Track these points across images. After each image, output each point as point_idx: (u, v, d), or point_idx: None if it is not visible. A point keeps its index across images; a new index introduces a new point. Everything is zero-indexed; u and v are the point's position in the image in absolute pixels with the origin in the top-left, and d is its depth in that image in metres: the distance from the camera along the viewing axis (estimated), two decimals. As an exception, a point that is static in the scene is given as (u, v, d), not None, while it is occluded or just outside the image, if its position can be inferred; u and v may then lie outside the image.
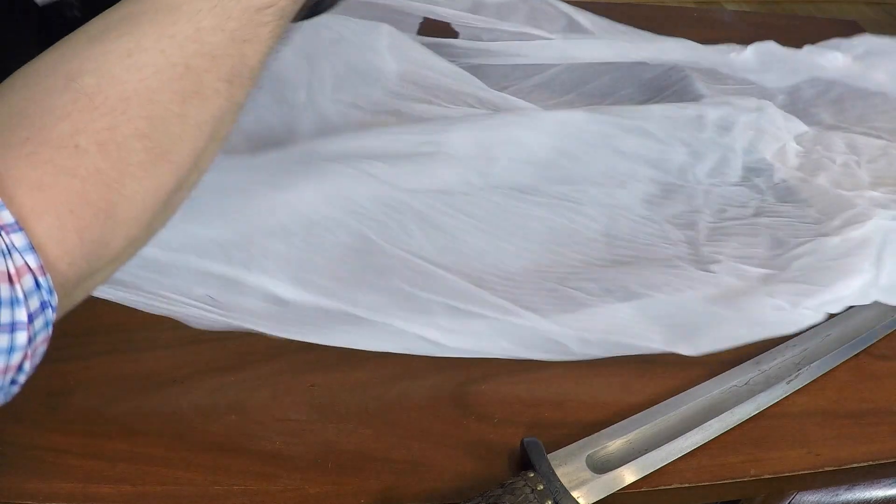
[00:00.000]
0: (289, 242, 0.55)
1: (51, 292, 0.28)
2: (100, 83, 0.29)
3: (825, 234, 0.63)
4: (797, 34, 0.99)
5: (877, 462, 0.51)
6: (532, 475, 0.45)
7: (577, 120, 0.68)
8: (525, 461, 0.47)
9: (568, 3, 1.04)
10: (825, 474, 0.50)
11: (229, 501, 0.46)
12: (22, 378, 0.30)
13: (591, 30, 0.76)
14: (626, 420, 0.50)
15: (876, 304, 0.60)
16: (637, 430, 0.50)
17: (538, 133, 0.67)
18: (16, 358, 0.28)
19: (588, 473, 0.47)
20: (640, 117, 0.71)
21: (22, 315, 0.27)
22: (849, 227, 0.63)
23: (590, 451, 0.48)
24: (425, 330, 0.52)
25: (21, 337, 0.28)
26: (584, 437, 0.49)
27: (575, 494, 0.45)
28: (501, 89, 0.79)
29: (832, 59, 0.78)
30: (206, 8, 0.31)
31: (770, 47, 0.78)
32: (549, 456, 0.47)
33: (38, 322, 0.28)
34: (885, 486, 0.62)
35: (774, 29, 1.00)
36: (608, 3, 1.06)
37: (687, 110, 0.74)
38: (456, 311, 0.54)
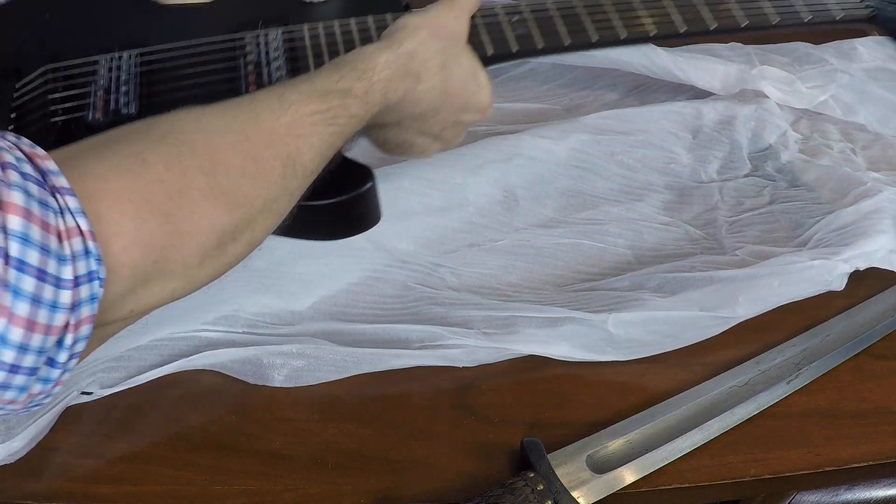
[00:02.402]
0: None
1: (99, 262, 0.29)
2: (172, 128, 0.34)
3: (840, 209, 0.65)
4: (797, 34, 0.99)
5: (877, 462, 0.51)
6: (532, 475, 0.45)
7: (584, 143, 0.69)
8: (525, 461, 0.47)
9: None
10: (825, 474, 0.50)
11: (229, 501, 0.46)
12: (63, 357, 0.30)
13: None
14: (626, 420, 0.50)
15: (876, 303, 0.60)
16: (637, 430, 0.50)
17: (553, 164, 0.68)
18: (59, 318, 0.28)
19: (588, 473, 0.47)
20: (640, 126, 0.71)
21: (68, 273, 0.28)
22: (861, 200, 0.65)
23: (590, 451, 0.48)
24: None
25: (65, 296, 0.28)
26: (584, 437, 0.49)
27: (575, 494, 0.45)
28: (493, 78, 0.81)
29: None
30: (264, 100, 0.38)
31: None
32: (549, 456, 0.47)
33: (84, 291, 0.29)
34: (885, 486, 0.62)
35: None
36: (608, 4, 1.06)
37: (686, 110, 0.74)
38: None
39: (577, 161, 0.69)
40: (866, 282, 0.62)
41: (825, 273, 0.59)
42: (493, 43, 0.52)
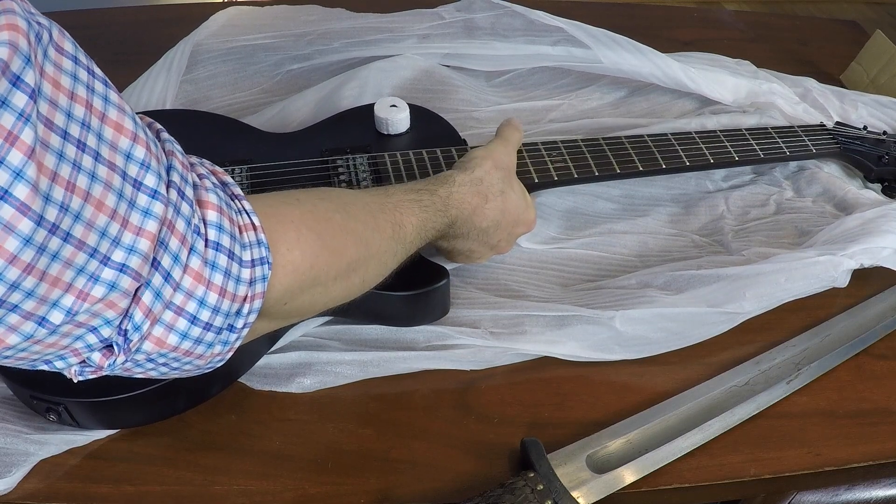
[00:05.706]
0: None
1: (268, 250, 0.37)
2: (313, 188, 0.46)
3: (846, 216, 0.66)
4: (797, 34, 0.99)
5: (877, 462, 0.51)
6: (532, 475, 0.45)
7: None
8: (525, 461, 0.47)
9: (571, 1, 1.04)
10: (825, 474, 0.50)
11: (229, 501, 0.46)
12: (239, 324, 0.37)
13: (586, 42, 0.77)
14: (626, 420, 0.51)
15: (876, 303, 0.60)
16: (637, 430, 0.50)
17: (555, 188, 0.68)
18: (241, 290, 0.36)
19: (588, 473, 0.47)
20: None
21: (247, 256, 0.36)
22: (868, 209, 0.65)
23: (590, 451, 0.48)
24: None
25: (245, 273, 0.36)
26: (584, 437, 0.49)
27: (575, 494, 0.45)
28: (495, 78, 0.83)
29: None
30: (374, 189, 0.50)
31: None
32: (549, 456, 0.47)
33: (258, 271, 0.37)
34: (885, 486, 0.62)
35: (774, 29, 1.00)
36: (609, 4, 1.06)
37: (690, 125, 0.75)
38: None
39: (579, 185, 0.69)
40: (869, 281, 0.62)
41: (831, 269, 0.60)
42: (537, 172, 0.63)
